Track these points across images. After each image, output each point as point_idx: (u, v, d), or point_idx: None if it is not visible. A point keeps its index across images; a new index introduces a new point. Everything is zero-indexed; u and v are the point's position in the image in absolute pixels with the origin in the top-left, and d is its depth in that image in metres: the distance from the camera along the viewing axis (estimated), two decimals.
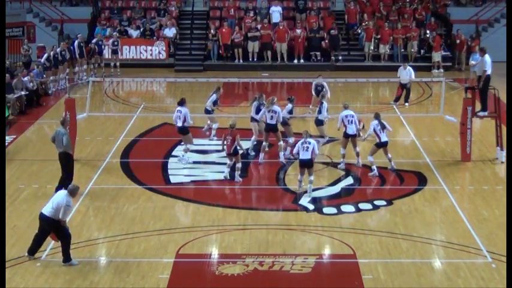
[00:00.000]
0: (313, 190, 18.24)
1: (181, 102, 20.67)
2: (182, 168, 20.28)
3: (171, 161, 20.83)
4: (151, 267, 14.16)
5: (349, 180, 19.34)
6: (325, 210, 17.18)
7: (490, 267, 14.18)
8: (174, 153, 21.57)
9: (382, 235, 15.74)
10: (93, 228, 16.16)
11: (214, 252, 15.01)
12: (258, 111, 20.96)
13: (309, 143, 17.76)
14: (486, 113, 21.26)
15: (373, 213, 17.09)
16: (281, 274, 13.97)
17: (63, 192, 14.36)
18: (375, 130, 19.48)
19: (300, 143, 17.91)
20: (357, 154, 20.11)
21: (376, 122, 19.53)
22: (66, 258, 14.19)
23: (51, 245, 14.94)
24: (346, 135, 20.06)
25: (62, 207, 14.00)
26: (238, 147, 18.97)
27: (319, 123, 21.84)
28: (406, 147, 22.37)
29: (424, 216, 16.85)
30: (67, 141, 17.82)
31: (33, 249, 14.40)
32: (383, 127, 19.43)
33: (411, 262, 14.41)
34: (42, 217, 14.21)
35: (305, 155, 17.70)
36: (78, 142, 21.19)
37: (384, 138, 19.44)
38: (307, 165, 17.82)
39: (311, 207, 17.39)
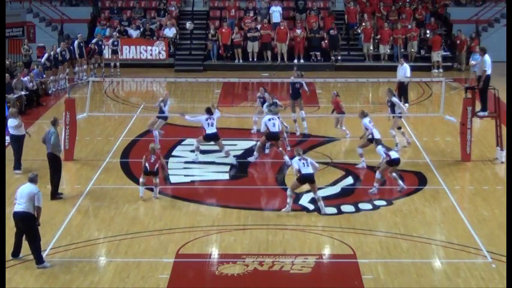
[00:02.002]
0: None
1: (210, 110, 20.68)
2: (182, 168, 20.27)
3: (171, 161, 20.82)
4: (151, 267, 14.16)
5: (349, 180, 19.34)
6: (325, 210, 17.16)
7: (490, 267, 14.18)
8: (174, 153, 21.58)
9: (382, 235, 15.75)
10: (93, 228, 16.17)
11: (214, 252, 15.02)
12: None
13: (306, 159, 17.11)
14: (486, 113, 21.26)
15: (373, 213, 17.09)
16: (281, 274, 13.98)
17: (27, 184, 14.30)
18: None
19: (297, 160, 17.02)
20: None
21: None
22: (39, 260, 14.07)
23: (51, 245, 14.98)
24: (371, 140, 19.92)
25: (35, 196, 14.01)
26: (166, 173, 18.85)
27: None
28: (406, 147, 22.34)
29: (424, 216, 16.85)
30: (55, 141, 17.81)
31: (15, 252, 14.39)
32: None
33: (411, 262, 14.41)
34: (17, 216, 14.17)
35: (308, 170, 16.87)
36: (78, 142, 21.21)
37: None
38: (311, 180, 16.99)
39: (311, 207, 17.38)
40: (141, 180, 17.87)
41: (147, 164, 17.77)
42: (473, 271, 14.01)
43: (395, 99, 21.78)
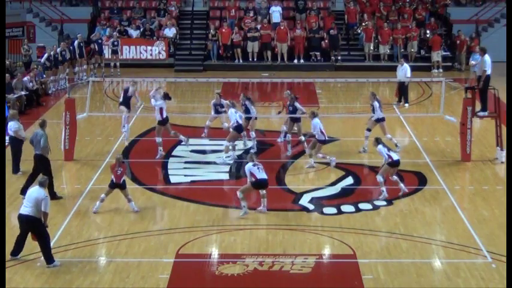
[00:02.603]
0: (313, 190, 18.26)
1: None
2: (182, 168, 20.28)
3: (171, 161, 20.83)
4: (151, 267, 14.17)
5: (349, 180, 19.33)
6: (325, 210, 17.18)
7: (490, 267, 14.18)
8: (174, 153, 21.58)
9: (382, 235, 15.75)
10: (93, 228, 16.16)
11: (214, 252, 15.02)
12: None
13: (259, 164, 16.92)
14: (486, 113, 21.26)
15: (373, 213, 17.09)
16: (281, 274, 13.97)
17: (35, 188, 14.31)
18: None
19: (251, 166, 16.79)
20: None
21: (381, 145, 18.49)
22: (49, 259, 14.09)
23: (51, 244, 14.93)
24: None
25: (42, 201, 13.97)
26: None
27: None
28: (406, 147, 22.36)
29: (424, 216, 16.85)
30: (44, 143, 17.79)
31: (15, 251, 14.36)
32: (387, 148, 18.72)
33: (411, 262, 14.41)
34: (22, 218, 14.13)
35: (262, 175, 16.74)
36: (78, 142, 21.20)
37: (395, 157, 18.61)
38: (265, 185, 16.89)
39: (311, 207, 17.39)
40: (102, 196, 16.95)
41: (113, 177, 16.85)
42: (473, 271, 14.01)
43: (376, 104, 21.39)
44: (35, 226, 14.05)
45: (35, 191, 14.19)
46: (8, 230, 15.33)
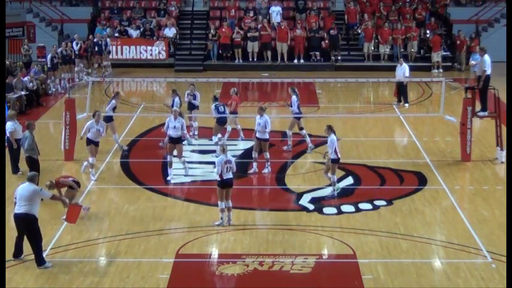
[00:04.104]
0: (313, 190, 18.24)
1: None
2: (182, 168, 20.26)
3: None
4: (151, 267, 14.17)
5: (349, 180, 19.33)
6: (325, 210, 17.18)
7: (490, 267, 14.18)
8: (173, 153, 21.52)
9: (382, 235, 15.74)
10: (93, 228, 16.16)
11: (214, 252, 15.02)
12: None
13: (231, 162, 16.04)
14: (486, 113, 21.26)
15: (373, 213, 17.09)
16: (281, 274, 13.97)
17: (25, 185, 14.15)
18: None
19: (221, 161, 15.97)
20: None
21: (334, 135, 17.91)
22: (40, 261, 14.03)
23: (51, 245, 14.99)
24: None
25: (39, 194, 14.07)
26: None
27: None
28: (406, 147, 22.37)
29: (424, 216, 16.85)
30: (28, 146, 17.97)
31: (16, 254, 14.33)
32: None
33: (411, 262, 14.41)
34: (18, 217, 14.08)
35: (229, 175, 16.04)
36: (78, 142, 21.17)
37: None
38: (231, 185, 16.19)
39: (311, 207, 17.38)
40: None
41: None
42: (473, 271, 14.01)
43: (294, 98, 21.31)
44: (30, 224, 13.95)
45: (26, 188, 14.06)
46: (8, 230, 15.33)
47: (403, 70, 27.13)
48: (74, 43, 32.25)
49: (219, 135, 21.52)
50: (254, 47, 35.20)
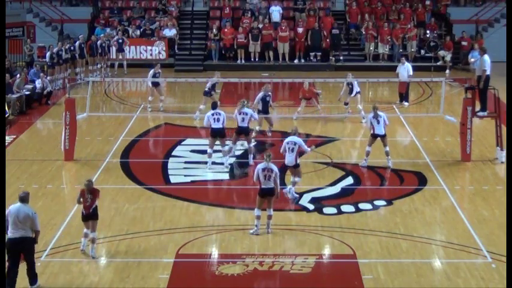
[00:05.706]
0: (313, 190, 18.23)
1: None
2: (182, 168, 20.28)
3: (171, 161, 20.82)
4: (151, 267, 14.16)
5: (349, 180, 19.33)
6: (325, 210, 17.18)
7: (490, 267, 14.18)
8: (174, 153, 21.57)
9: (382, 235, 15.74)
10: None
11: (214, 252, 15.02)
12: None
13: (272, 170, 15.60)
14: (486, 113, 21.26)
15: (373, 213, 17.09)
16: (281, 274, 13.97)
17: (19, 206, 13.00)
18: (371, 122, 19.68)
19: (260, 168, 15.69)
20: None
21: (372, 114, 19.57)
22: (34, 279, 13.20)
23: (51, 244, 14.97)
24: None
25: (31, 219, 12.94)
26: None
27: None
28: (406, 147, 22.37)
29: (424, 216, 16.84)
30: None
31: (12, 285, 12.92)
32: (377, 119, 19.46)
33: (411, 262, 14.41)
34: (15, 242, 12.89)
35: (268, 184, 15.65)
36: (78, 142, 21.19)
37: (377, 131, 19.45)
38: (271, 194, 15.74)
39: (311, 207, 17.38)
40: (84, 231, 14.59)
41: (83, 209, 14.47)
42: (473, 271, 14.01)
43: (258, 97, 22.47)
44: (30, 245, 13.13)
45: (20, 209, 12.95)
46: None
47: (406, 69, 27.09)
48: (77, 43, 32.24)
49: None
50: (256, 47, 35.18)
